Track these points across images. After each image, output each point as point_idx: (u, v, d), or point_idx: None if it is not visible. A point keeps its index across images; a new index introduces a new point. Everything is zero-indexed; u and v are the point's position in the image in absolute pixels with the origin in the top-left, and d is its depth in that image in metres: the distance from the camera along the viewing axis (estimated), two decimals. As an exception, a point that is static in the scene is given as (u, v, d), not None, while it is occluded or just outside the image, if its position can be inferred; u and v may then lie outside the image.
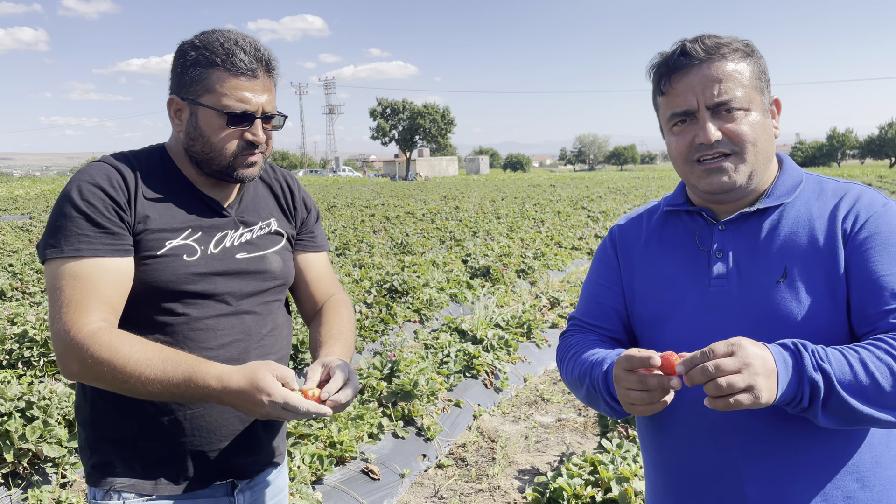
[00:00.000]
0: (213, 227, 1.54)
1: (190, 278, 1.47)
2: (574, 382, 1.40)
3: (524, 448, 4.27)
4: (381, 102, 73.36)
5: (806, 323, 1.22)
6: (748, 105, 1.26)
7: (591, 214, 17.85)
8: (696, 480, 1.31)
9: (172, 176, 1.53)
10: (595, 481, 2.89)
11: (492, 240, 12.62)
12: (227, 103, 1.44)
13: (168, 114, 1.52)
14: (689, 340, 1.29)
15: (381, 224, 16.70)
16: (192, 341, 1.47)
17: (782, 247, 1.27)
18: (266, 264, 1.59)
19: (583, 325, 1.49)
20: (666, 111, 1.30)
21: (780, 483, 1.23)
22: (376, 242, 12.60)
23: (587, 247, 11.95)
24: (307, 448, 3.48)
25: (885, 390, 1.09)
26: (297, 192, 1.74)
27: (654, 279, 1.39)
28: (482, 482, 3.81)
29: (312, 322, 1.72)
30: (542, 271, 9.68)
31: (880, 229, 1.22)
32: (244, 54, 1.45)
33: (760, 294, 1.26)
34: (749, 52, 1.28)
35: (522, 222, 16.13)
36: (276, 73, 1.53)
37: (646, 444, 1.44)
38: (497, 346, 5.53)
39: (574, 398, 5.10)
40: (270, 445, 1.64)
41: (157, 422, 1.48)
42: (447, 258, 10.13)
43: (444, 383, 4.66)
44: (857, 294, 1.21)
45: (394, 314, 6.64)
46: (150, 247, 1.44)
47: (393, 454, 3.85)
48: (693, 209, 1.38)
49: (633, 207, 20.50)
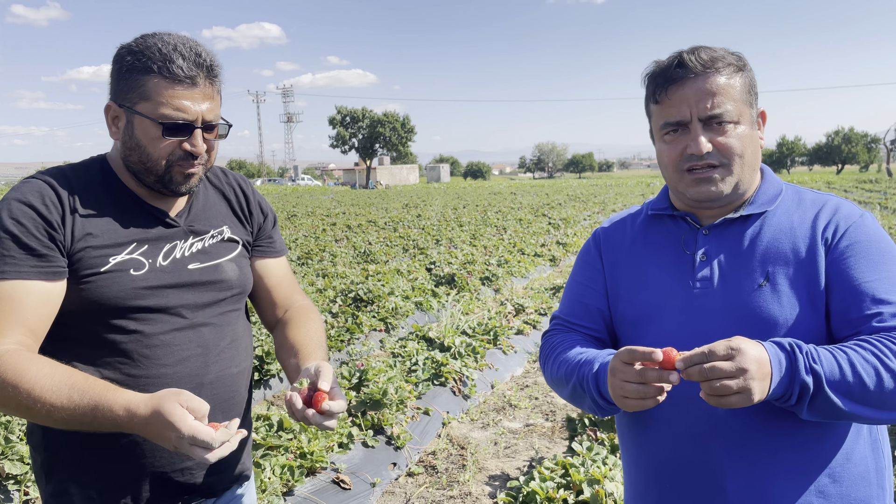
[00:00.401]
0: (161, 238, 1.48)
1: (138, 293, 1.41)
2: (559, 380, 1.43)
3: (494, 454, 4.29)
4: (341, 111, 73.02)
5: (786, 325, 1.27)
6: (738, 118, 1.31)
7: (552, 221, 18.05)
8: (677, 476, 1.35)
9: (114, 188, 1.47)
10: (567, 484, 2.93)
11: (455, 247, 12.66)
12: (163, 112, 1.38)
13: (106, 121, 1.46)
14: (672, 341, 1.33)
15: (342, 233, 16.61)
16: (148, 359, 1.42)
17: (765, 252, 1.33)
18: (221, 273, 1.54)
19: (566, 324, 1.53)
20: (659, 119, 1.35)
21: (758, 478, 1.28)
22: (339, 251, 12.54)
23: (549, 254, 12.07)
24: (277, 459, 3.44)
25: (869, 390, 1.14)
26: (251, 197, 1.69)
27: (638, 280, 1.43)
28: (453, 489, 3.82)
29: (278, 329, 1.67)
30: (506, 278, 9.75)
31: (859, 238, 1.29)
32: (183, 60, 1.38)
33: (743, 297, 1.31)
34: (741, 66, 1.33)
35: (485, 230, 16.22)
36: (218, 80, 1.46)
37: (627, 440, 1.47)
38: (465, 353, 5.55)
39: (541, 403, 5.16)
40: (236, 461, 1.59)
41: (115, 444, 1.42)
42: (411, 266, 10.13)
43: (413, 391, 4.67)
44: (838, 300, 1.26)
45: (360, 323, 6.62)
46: (92, 264, 1.39)
47: (363, 463, 3.83)
48: (677, 214, 1.43)
49: (592, 215, 20.88)
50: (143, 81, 1.37)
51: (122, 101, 1.41)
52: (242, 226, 1.65)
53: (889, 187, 33.75)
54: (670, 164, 1.35)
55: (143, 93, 1.38)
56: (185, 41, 1.41)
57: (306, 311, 1.69)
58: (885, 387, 1.14)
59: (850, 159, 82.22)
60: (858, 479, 1.30)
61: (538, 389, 5.44)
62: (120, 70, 1.40)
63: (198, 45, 1.42)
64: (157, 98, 1.37)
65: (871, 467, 1.32)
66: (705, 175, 1.32)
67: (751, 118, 1.34)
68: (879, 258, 1.27)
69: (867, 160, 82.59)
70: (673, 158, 1.34)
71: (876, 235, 1.30)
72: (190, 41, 1.42)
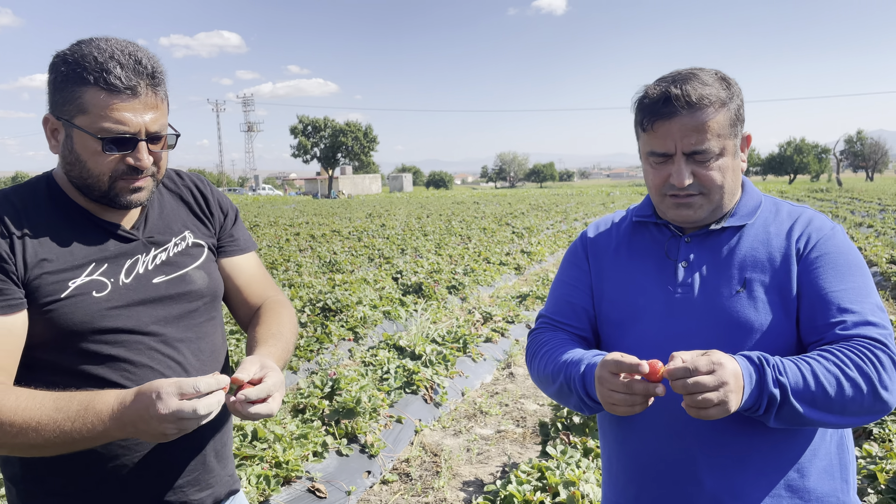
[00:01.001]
0: (120, 254, 1.41)
1: (104, 315, 1.35)
2: (546, 378, 1.49)
3: (467, 460, 4.34)
4: (303, 120, 72.59)
5: (761, 330, 1.35)
6: (720, 151, 1.37)
7: (515, 231, 18.21)
8: (656, 470, 1.42)
9: (63, 206, 1.39)
10: (543, 487, 2.99)
11: (421, 257, 12.70)
12: (103, 126, 1.29)
13: (45, 133, 1.37)
14: (653, 342, 1.41)
15: (306, 243, 16.51)
16: (131, 381, 1.36)
17: (742, 261, 1.41)
18: (189, 284, 1.48)
19: (553, 322, 1.58)
20: (646, 147, 1.41)
21: (732, 473, 1.36)
22: (304, 261, 12.46)
23: (514, 262, 12.19)
24: (253, 469, 3.44)
25: (831, 399, 1.23)
26: (210, 197, 1.62)
27: (623, 283, 1.50)
28: (428, 495, 3.85)
29: (250, 325, 1.60)
30: (473, 287, 9.82)
31: (829, 250, 1.38)
32: (122, 69, 1.28)
33: (721, 302, 1.38)
34: (728, 97, 1.38)
35: (449, 239, 16.29)
36: (163, 87, 1.36)
37: (608, 437, 1.53)
38: (435, 361, 5.59)
39: (512, 410, 5.22)
40: (224, 474, 1.56)
41: (102, 469, 1.37)
42: (377, 276, 10.14)
43: (386, 399, 4.69)
44: (807, 306, 1.35)
45: (329, 333, 6.61)
46: (50, 291, 1.31)
47: (338, 472, 3.84)
48: (660, 221, 1.50)
49: (555, 224, 21.11)
50: (80, 93, 1.29)
51: (60, 114, 1.33)
52: (205, 227, 1.59)
53: (839, 196, 34.89)
54: (654, 188, 1.43)
55: (81, 105, 1.29)
56: (122, 47, 1.31)
57: (276, 307, 1.62)
58: (845, 395, 1.23)
59: (801, 169, 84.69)
60: (824, 474, 1.38)
61: (508, 396, 5.51)
62: (56, 80, 1.31)
63: (137, 51, 1.33)
64: (95, 111, 1.29)
65: (835, 463, 1.40)
66: (685, 202, 1.40)
67: (734, 148, 1.41)
68: (846, 269, 1.36)
69: (818, 170, 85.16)
70: (657, 184, 1.41)
71: (845, 248, 1.39)
72: (129, 46, 1.32)
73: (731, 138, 1.39)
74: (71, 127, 1.32)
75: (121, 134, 1.30)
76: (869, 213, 22.43)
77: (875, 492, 3.11)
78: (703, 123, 1.35)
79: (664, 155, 1.38)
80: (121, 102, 1.29)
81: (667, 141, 1.37)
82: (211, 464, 1.51)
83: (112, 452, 1.37)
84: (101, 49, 1.29)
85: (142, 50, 1.34)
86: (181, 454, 1.45)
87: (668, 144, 1.37)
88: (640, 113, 1.41)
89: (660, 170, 1.41)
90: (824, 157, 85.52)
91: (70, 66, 1.29)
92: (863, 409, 1.25)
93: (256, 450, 3.63)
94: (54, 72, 1.32)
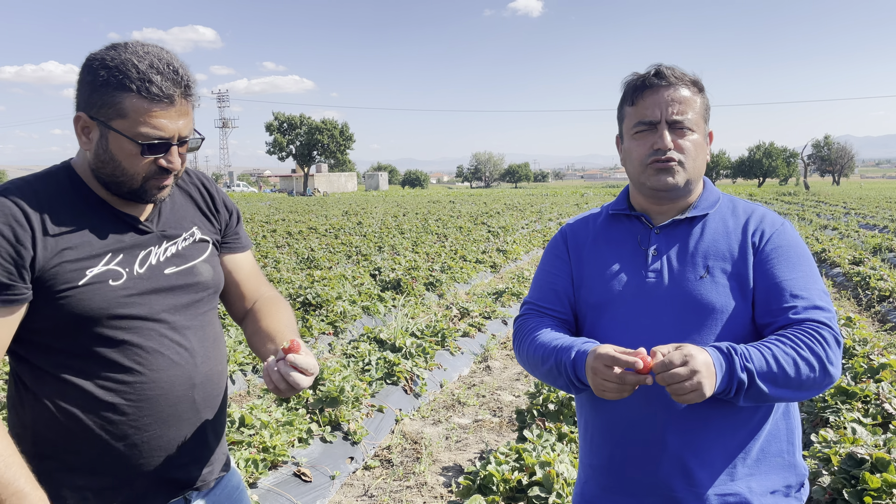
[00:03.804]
0: (135, 246, 1.50)
1: (119, 302, 1.43)
2: (534, 361, 1.64)
3: (446, 447, 4.50)
4: (278, 117, 72.18)
5: (722, 311, 1.53)
6: (694, 128, 1.58)
7: (491, 230, 18.42)
8: (627, 433, 1.59)
9: (83, 197, 1.46)
10: (521, 467, 3.17)
11: (398, 254, 12.84)
12: (142, 131, 1.38)
13: (75, 130, 1.44)
14: (626, 322, 1.58)
15: (283, 239, 16.55)
16: (141, 366, 1.45)
17: (706, 250, 1.59)
18: (196, 275, 1.57)
19: (539, 308, 1.75)
20: (633, 119, 1.59)
21: (693, 432, 1.54)
22: (282, 258, 12.53)
23: (490, 260, 12.38)
24: (241, 453, 3.56)
25: (790, 378, 1.43)
26: (216, 195, 1.71)
27: (600, 270, 1.67)
28: (409, 480, 4.01)
29: (248, 319, 1.71)
30: (450, 284, 9.99)
31: (781, 243, 1.57)
32: (161, 79, 1.37)
33: (687, 286, 1.56)
34: (701, 88, 1.61)
35: (426, 237, 16.45)
36: (194, 96, 1.46)
37: (585, 407, 1.70)
38: (415, 353, 5.75)
39: (488, 401, 5.40)
40: (221, 453, 1.67)
41: (112, 449, 1.45)
42: (356, 272, 10.26)
43: (368, 390, 4.84)
44: (762, 293, 1.54)
45: (310, 327, 6.73)
46: (68, 278, 1.39)
47: (322, 457, 3.99)
48: (633, 214, 1.68)
49: (530, 223, 21.37)
50: (120, 99, 1.36)
51: (96, 115, 1.39)
52: (211, 224, 1.68)
53: (806, 199, 35.73)
54: (637, 160, 1.60)
55: (120, 110, 1.37)
56: (160, 56, 1.40)
57: (275, 301, 1.73)
58: (801, 373, 1.42)
59: (770, 172, 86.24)
60: (772, 437, 1.58)
61: (485, 388, 5.68)
62: (93, 84, 1.38)
63: (173, 60, 1.41)
64: (134, 117, 1.37)
65: (782, 427, 1.60)
66: (665, 166, 1.57)
67: (704, 132, 1.62)
68: (797, 260, 1.56)
69: (786, 174, 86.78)
70: (641, 154, 1.59)
71: (794, 241, 1.60)
72: (165, 55, 1.41)
73: (703, 120, 1.60)
74: (107, 129, 1.39)
75: (157, 139, 1.40)
76: (834, 215, 23.07)
77: (829, 473, 3.33)
78: (684, 98, 1.56)
79: (650, 123, 1.56)
80: (159, 110, 1.38)
81: (654, 109, 1.55)
82: (211, 443, 1.62)
83: (123, 432, 1.45)
84: (140, 57, 1.37)
85: (175, 58, 1.43)
86: (186, 435, 1.54)
87: (655, 112, 1.55)
88: (631, 88, 1.60)
89: (644, 139, 1.58)
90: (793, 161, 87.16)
91: (111, 71, 1.36)
92: (815, 384, 1.45)
93: (244, 435, 3.76)
94: (91, 75, 1.38)
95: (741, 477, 1.53)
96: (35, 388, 1.43)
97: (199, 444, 1.58)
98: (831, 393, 4.29)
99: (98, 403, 1.43)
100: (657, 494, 1.55)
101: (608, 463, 1.63)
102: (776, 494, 1.56)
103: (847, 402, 4.17)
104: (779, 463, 1.57)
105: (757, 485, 1.54)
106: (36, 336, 1.42)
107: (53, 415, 1.42)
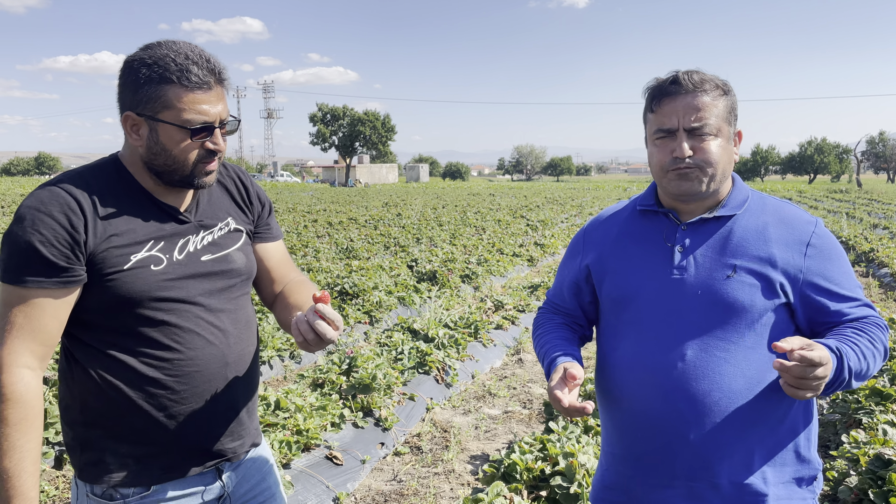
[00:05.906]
0: (175, 234, 1.60)
1: (160, 285, 1.53)
2: (538, 357, 1.77)
3: (475, 437, 4.59)
4: (322, 108, 72.91)
5: (747, 311, 1.56)
6: (716, 132, 1.58)
7: (530, 223, 18.40)
8: (647, 426, 1.62)
9: (130, 188, 1.57)
10: (544, 457, 3.23)
11: (435, 246, 12.94)
12: (187, 118, 1.49)
13: (124, 130, 1.55)
14: (649, 318, 1.62)
15: (324, 229, 16.81)
16: (179, 344, 1.56)
17: (734, 248, 1.60)
18: (231, 262, 1.66)
19: (552, 305, 1.84)
20: (653, 126, 1.62)
21: (714, 429, 1.56)
22: (321, 247, 12.75)
23: (527, 254, 12.40)
24: (276, 435, 3.70)
25: (870, 370, 1.52)
26: (251, 188, 1.81)
27: (624, 265, 1.70)
28: (438, 467, 4.11)
29: (278, 300, 1.80)
30: (486, 276, 10.06)
31: (816, 243, 1.60)
32: (197, 68, 1.49)
33: (713, 284, 1.58)
34: (726, 90, 1.61)
35: (464, 230, 16.52)
36: (227, 81, 1.58)
37: (610, 396, 1.73)
38: (447, 344, 5.84)
39: (519, 393, 5.46)
40: (252, 428, 1.77)
41: (152, 420, 1.55)
42: (393, 263, 10.40)
43: (399, 378, 4.95)
44: (807, 293, 1.57)
45: (346, 315, 6.87)
46: (115, 263, 1.49)
47: (354, 442, 4.11)
48: (661, 210, 1.70)
49: (569, 217, 21.27)
50: (164, 91, 1.48)
51: (143, 111, 1.50)
52: (244, 215, 1.77)
53: (857, 198, 34.71)
54: (658, 166, 1.63)
55: (166, 102, 1.48)
56: (192, 49, 1.52)
57: (303, 283, 1.83)
58: (875, 367, 1.52)
59: (821, 169, 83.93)
60: (790, 433, 1.61)
61: (516, 380, 5.75)
62: (136, 82, 1.49)
63: (203, 52, 1.53)
64: (179, 105, 1.48)
65: (800, 422, 1.63)
66: (685, 172, 1.59)
67: (728, 134, 1.62)
68: (837, 258, 1.59)
69: (838, 170, 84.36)
70: (661, 160, 1.61)
71: (830, 239, 1.62)
72: (196, 48, 1.53)
73: (726, 124, 1.60)
74: (156, 122, 1.51)
75: (202, 123, 1.52)
76: (886, 214, 22.40)
77: (856, 473, 3.32)
78: (703, 104, 1.56)
79: (668, 131, 1.58)
80: (200, 94, 1.50)
81: (672, 117, 1.57)
82: (243, 418, 1.71)
83: (163, 405, 1.55)
84: (175, 52, 1.50)
85: (205, 51, 1.55)
86: (221, 409, 1.64)
87: (673, 120, 1.57)
88: (651, 96, 1.62)
89: (664, 146, 1.60)
90: (845, 157, 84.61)
91: (151, 68, 1.48)
92: (875, 370, 1.54)
93: (279, 418, 3.90)
94: (133, 74, 1.50)
95: (757, 468, 1.57)
96: (84, 362, 1.55)
97: (231, 419, 1.68)
98: (865, 394, 4.25)
99: (141, 378, 1.54)
100: (675, 484, 1.60)
101: (628, 453, 1.68)
102: (789, 485, 1.60)
103: (881, 404, 4.13)
104: (794, 456, 1.61)
105: (772, 476, 1.58)
106: (85, 315, 1.54)
107: (100, 387, 1.54)
